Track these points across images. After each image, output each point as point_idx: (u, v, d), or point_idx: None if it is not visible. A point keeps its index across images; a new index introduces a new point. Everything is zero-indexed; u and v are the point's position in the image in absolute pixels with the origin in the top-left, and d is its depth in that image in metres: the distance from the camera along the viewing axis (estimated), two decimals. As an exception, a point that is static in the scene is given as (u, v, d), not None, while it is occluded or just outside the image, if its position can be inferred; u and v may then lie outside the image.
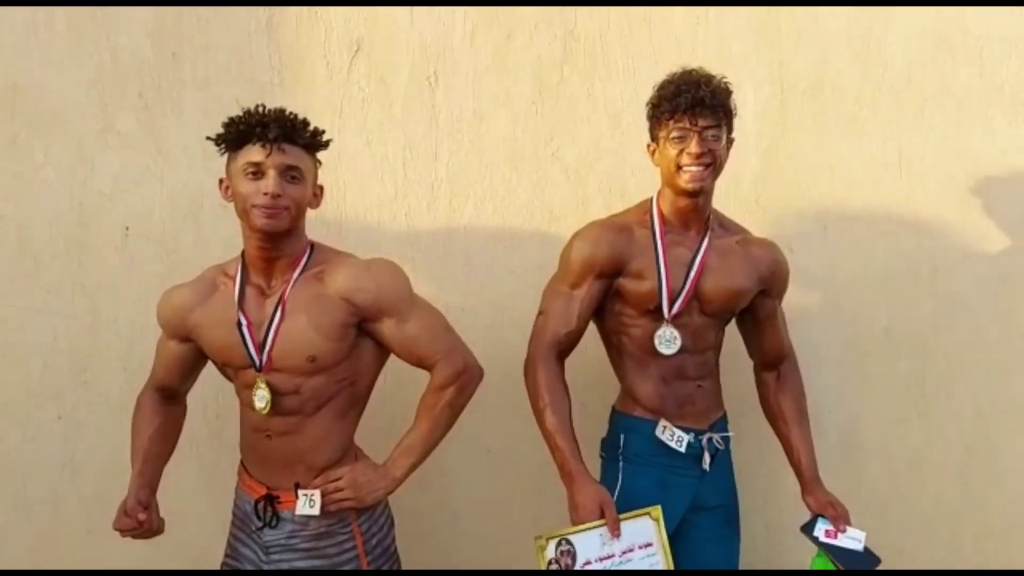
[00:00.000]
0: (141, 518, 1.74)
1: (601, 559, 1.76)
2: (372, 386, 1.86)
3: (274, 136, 1.65)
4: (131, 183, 2.23)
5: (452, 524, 2.32)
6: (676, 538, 1.88)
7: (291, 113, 1.70)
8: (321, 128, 1.74)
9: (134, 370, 2.23)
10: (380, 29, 2.27)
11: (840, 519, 1.95)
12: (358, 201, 2.29)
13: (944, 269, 2.41)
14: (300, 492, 1.75)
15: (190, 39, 2.23)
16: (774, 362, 2.10)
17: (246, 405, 1.80)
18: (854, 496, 2.39)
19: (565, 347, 1.92)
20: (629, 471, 1.95)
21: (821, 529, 1.95)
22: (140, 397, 1.94)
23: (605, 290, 1.92)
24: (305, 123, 1.71)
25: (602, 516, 1.77)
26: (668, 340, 1.90)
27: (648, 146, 1.92)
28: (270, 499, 1.78)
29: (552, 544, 1.75)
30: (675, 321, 1.89)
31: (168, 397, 1.93)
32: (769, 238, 2.07)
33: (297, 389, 1.73)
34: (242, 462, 1.88)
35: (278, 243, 1.71)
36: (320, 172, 1.79)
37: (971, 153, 2.40)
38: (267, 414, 1.74)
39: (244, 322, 1.73)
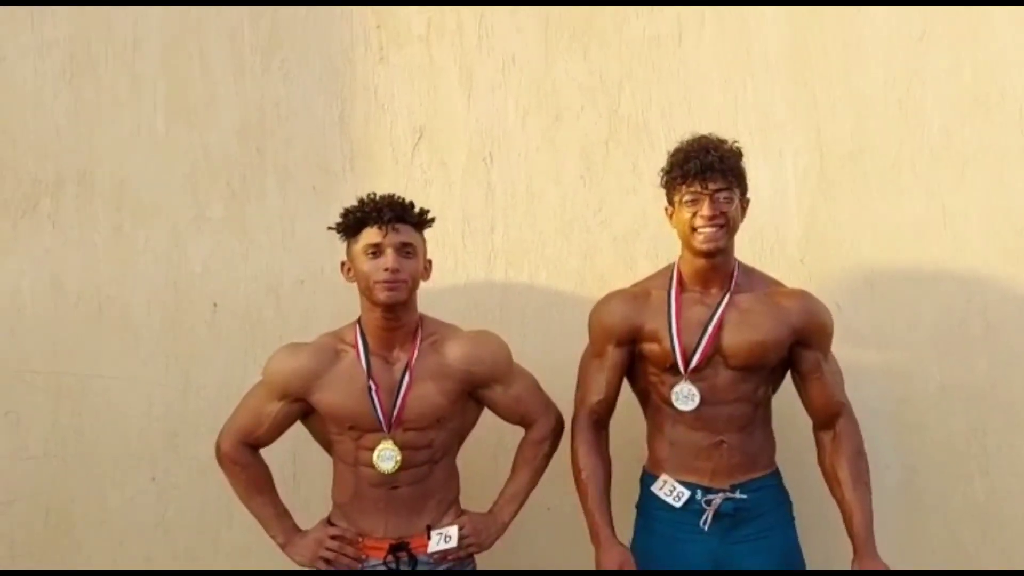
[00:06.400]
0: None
1: None
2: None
3: (388, 218, 1.87)
4: (219, 263, 2.46)
5: None
6: None
7: (399, 197, 1.93)
8: (426, 208, 1.96)
9: (220, 434, 2.43)
10: (440, 116, 2.49)
11: None
12: (423, 273, 2.47)
13: (997, 324, 2.42)
14: (433, 532, 1.95)
15: (271, 134, 2.48)
16: (827, 420, 2.07)
17: (361, 465, 1.94)
18: (915, 554, 2.39)
19: (601, 414, 2.06)
20: (639, 524, 2.07)
21: None
22: (231, 453, 2.01)
23: (628, 355, 2.04)
24: (412, 205, 1.94)
25: None
26: (685, 396, 1.96)
27: (665, 209, 2.03)
28: (403, 547, 1.93)
29: None
30: (695, 376, 1.96)
31: (253, 449, 2.03)
32: (811, 292, 2.11)
33: (430, 443, 1.96)
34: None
35: (398, 314, 1.92)
36: None
37: (1016, 208, 2.43)
38: (395, 472, 1.91)
39: (374, 387, 1.91)
